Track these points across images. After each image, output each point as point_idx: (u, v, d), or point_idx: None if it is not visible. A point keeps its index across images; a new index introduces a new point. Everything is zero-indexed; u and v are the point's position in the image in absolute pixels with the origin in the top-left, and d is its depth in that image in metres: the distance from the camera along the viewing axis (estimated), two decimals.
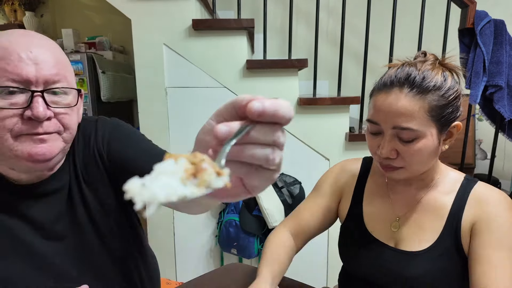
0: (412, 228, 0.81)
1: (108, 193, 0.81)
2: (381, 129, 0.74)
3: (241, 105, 0.35)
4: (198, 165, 0.31)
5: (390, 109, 0.71)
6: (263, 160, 0.35)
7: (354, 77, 2.69)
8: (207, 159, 0.32)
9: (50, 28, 3.12)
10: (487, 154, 2.78)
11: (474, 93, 1.80)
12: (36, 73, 0.65)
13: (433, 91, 0.70)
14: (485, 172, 2.60)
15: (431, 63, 0.74)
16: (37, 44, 0.67)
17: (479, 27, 1.80)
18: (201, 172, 0.31)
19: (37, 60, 0.65)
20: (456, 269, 0.76)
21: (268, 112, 0.33)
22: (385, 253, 0.82)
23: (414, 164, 0.74)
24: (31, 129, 0.66)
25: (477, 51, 1.84)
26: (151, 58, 1.86)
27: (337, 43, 2.10)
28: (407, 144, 0.72)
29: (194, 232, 2.03)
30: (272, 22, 2.33)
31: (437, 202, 0.80)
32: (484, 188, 0.78)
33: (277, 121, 0.34)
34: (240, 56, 1.87)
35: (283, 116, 0.34)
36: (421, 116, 0.70)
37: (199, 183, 0.31)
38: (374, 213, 0.88)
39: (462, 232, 0.76)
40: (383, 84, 0.74)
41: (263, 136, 0.34)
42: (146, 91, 1.89)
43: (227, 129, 0.33)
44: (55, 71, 0.67)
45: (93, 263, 0.80)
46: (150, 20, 1.84)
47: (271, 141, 0.35)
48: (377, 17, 2.34)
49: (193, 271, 2.04)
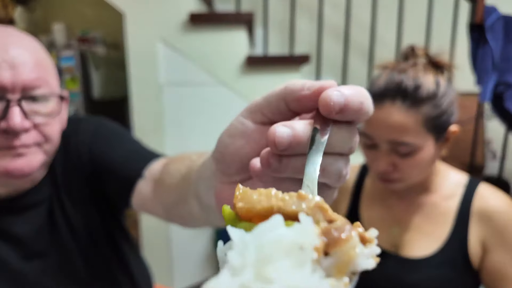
0: (413, 234, 0.80)
1: (90, 204, 0.74)
2: (376, 143, 0.72)
3: (300, 95, 0.24)
4: (335, 227, 0.18)
5: (383, 123, 0.69)
6: (335, 176, 0.25)
7: (359, 73, 2.61)
8: (326, 205, 0.19)
9: (42, 23, 3.08)
10: (497, 155, 2.73)
11: (484, 91, 1.75)
12: (12, 78, 0.57)
13: (426, 101, 0.68)
14: (495, 173, 2.55)
15: (422, 67, 0.71)
16: (14, 43, 0.59)
17: (488, 23, 1.76)
18: (338, 244, 0.17)
19: (14, 63, 0.58)
20: (461, 278, 0.75)
21: (352, 106, 0.23)
22: (386, 259, 0.80)
23: (412, 176, 0.74)
24: (6, 142, 0.59)
25: (487, 47, 1.79)
26: (145, 54, 1.81)
27: (341, 37, 2.03)
28: (404, 158, 0.71)
29: (191, 237, 1.99)
30: (273, 15, 2.27)
31: (440, 207, 0.79)
32: (488, 195, 0.77)
33: (359, 118, 0.24)
34: (240, 51, 1.81)
35: (368, 111, 0.24)
36: (417, 129, 0.68)
37: (339, 269, 0.17)
38: (372, 217, 0.87)
39: (470, 244, 0.75)
40: (373, 95, 0.71)
41: (339, 142, 0.24)
42: (140, 89, 1.83)
43: (290, 132, 0.23)
44: (35, 75, 0.60)
45: (76, 281, 0.74)
46: (144, 13, 1.78)
47: (347, 149, 0.25)
48: (383, 10, 2.27)
49: (191, 277, 2.00)
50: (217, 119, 1.84)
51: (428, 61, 0.74)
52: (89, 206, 0.74)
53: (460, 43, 1.91)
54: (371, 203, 0.88)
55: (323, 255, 0.17)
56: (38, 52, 0.62)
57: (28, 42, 0.62)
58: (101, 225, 0.76)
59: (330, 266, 0.17)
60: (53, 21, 2.86)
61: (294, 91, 0.25)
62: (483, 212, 0.75)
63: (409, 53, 0.76)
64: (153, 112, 1.84)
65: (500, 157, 1.97)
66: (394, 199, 0.84)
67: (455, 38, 1.88)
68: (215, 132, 1.76)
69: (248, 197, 0.20)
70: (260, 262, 0.16)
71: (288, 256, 0.16)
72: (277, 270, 0.15)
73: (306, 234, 0.17)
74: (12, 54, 0.58)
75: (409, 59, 0.75)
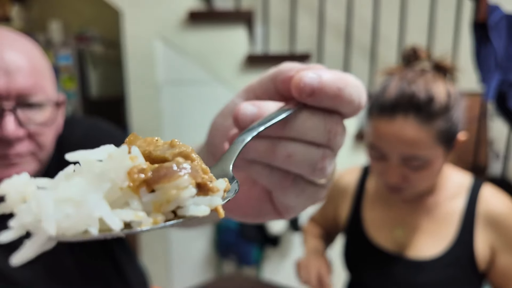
0: (417, 235, 0.80)
1: None
2: (385, 155, 0.72)
3: (285, 77, 0.23)
4: (164, 166, 0.18)
5: (395, 138, 0.69)
6: (306, 166, 0.23)
7: (361, 71, 2.61)
8: (194, 155, 0.20)
9: (39, 21, 3.08)
10: (500, 155, 2.72)
11: (488, 90, 1.75)
12: (7, 85, 0.55)
13: (440, 115, 0.68)
14: (498, 173, 2.54)
15: (432, 76, 0.70)
16: (9, 47, 0.57)
17: (491, 22, 1.75)
18: (160, 181, 0.18)
19: (9, 68, 0.55)
20: (468, 279, 0.76)
21: (327, 91, 0.21)
22: (391, 261, 0.81)
23: (422, 186, 0.75)
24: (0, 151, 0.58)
25: (490, 46, 1.78)
26: (143, 53, 1.80)
27: (343, 35, 2.03)
28: (416, 171, 0.71)
29: (191, 239, 1.99)
30: (273, 12, 2.26)
31: (444, 208, 0.79)
32: (492, 198, 0.78)
33: (338, 107, 0.22)
34: (239, 50, 1.81)
35: (350, 100, 0.22)
36: (429, 143, 0.68)
37: (156, 205, 0.18)
38: (375, 219, 0.87)
39: (476, 246, 0.76)
40: (384, 107, 0.70)
41: (311, 129, 0.22)
42: (137, 87, 1.82)
43: (254, 111, 0.22)
44: (31, 81, 0.58)
45: (68, 284, 0.73)
46: (142, 11, 1.77)
47: (323, 139, 0.23)
48: (386, 7, 2.26)
49: (190, 279, 2.00)
50: None
51: (433, 66, 0.74)
52: None
53: (463, 42, 1.90)
54: (373, 205, 0.88)
55: (147, 188, 0.18)
56: (34, 55, 0.60)
57: (23, 45, 0.60)
58: None
59: (149, 201, 0.18)
60: (50, 19, 2.86)
61: (282, 72, 0.24)
62: (489, 216, 0.75)
63: (411, 54, 0.75)
64: (151, 111, 1.84)
65: (503, 157, 1.96)
66: (396, 200, 0.84)
67: (458, 36, 1.87)
68: None
69: (133, 142, 0.21)
70: (71, 175, 0.19)
71: (88, 176, 0.18)
72: (71, 182, 0.17)
73: (115, 163, 0.18)
74: (7, 59, 0.55)
75: (411, 61, 0.75)
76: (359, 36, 2.29)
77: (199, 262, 2.01)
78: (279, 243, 1.92)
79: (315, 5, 2.04)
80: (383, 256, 0.82)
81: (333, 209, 0.98)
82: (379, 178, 0.78)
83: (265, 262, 1.99)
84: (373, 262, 0.84)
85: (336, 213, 0.98)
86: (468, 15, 1.81)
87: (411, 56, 0.76)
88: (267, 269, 2.00)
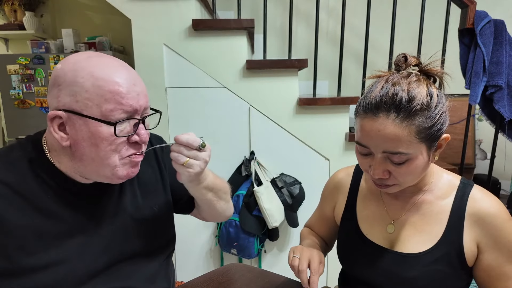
0: (408, 231, 0.82)
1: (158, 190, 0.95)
2: (371, 151, 0.75)
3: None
4: None
5: (378, 134, 0.71)
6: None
7: (354, 77, 2.68)
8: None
9: (50, 28, 3.11)
10: (487, 154, 2.78)
11: (474, 93, 1.80)
12: (139, 102, 0.74)
13: (420, 113, 0.69)
14: (485, 172, 2.60)
15: (415, 79, 0.73)
16: (135, 76, 0.75)
17: (479, 27, 1.80)
18: None
19: (138, 91, 0.74)
20: (456, 274, 0.78)
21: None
22: (382, 255, 0.83)
23: (407, 181, 0.76)
24: (135, 150, 0.75)
25: (477, 51, 1.83)
26: (151, 58, 1.86)
27: (337, 43, 2.09)
28: (399, 166, 0.73)
29: (194, 232, 2.03)
30: (272, 22, 2.33)
31: (434, 206, 0.81)
32: (480, 198, 0.79)
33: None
34: (240, 56, 1.87)
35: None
36: (410, 140, 0.70)
37: None
38: (368, 216, 0.89)
39: (465, 243, 0.78)
40: (368, 106, 0.73)
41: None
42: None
43: (187, 137, 0.67)
44: (147, 98, 0.78)
45: (142, 237, 0.87)
46: (150, 20, 1.84)
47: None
48: (377, 17, 2.34)
49: (193, 271, 2.04)
50: (219, 120, 1.93)
51: (421, 70, 0.75)
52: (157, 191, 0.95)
53: (450, 47, 1.95)
54: (367, 202, 0.90)
55: None
56: (141, 78, 0.78)
57: (135, 72, 0.77)
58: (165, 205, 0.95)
59: None
60: (61, 26, 2.91)
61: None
62: (477, 215, 0.77)
63: (402, 61, 0.76)
64: None
65: (490, 157, 2.02)
66: (389, 198, 0.87)
67: (446, 43, 1.93)
68: (217, 132, 1.91)
69: None
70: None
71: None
72: None
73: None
74: (138, 85, 0.74)
75: (401, 67, 0.77)
76: (352, 43, 2.36)
77: (202, 255, 2.05)
78: (278, 237, 1.95)
79: (312, 15, 2.09)
80: (374, 250, 0.84)
81: (331, 208, 1.00)
82: (366, 174, 0.80)
83: (264, 255, 2.04)
84: (365, 255, 0.85)
85: (334, 211, 0.99)
86: (456, 23, 1.87)
87: (401, 62, 0.77)
88: (267, 262, 2.04)
